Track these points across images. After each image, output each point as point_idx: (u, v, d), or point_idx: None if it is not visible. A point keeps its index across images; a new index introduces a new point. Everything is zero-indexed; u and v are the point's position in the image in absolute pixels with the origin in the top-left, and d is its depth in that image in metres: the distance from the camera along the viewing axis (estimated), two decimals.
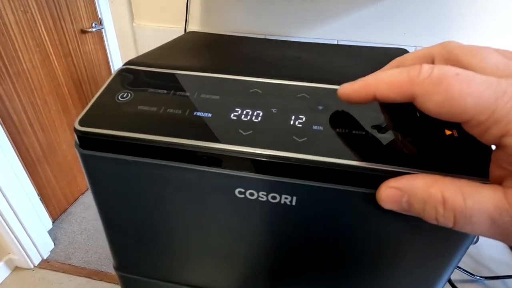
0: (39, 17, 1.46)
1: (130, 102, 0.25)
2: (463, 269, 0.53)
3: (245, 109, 0.25)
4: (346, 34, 0.71)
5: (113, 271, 1.52)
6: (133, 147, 0.23)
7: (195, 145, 0.23)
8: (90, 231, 1.73)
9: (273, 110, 0.25)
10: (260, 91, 0.26)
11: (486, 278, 0.53)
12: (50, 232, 1.65)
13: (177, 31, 0.76)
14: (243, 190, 0.24)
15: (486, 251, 0.60)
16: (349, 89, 0.21)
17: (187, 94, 0.26)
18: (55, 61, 1.59)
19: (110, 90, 0.27)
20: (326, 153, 0.22)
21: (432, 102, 0.17)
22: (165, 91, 0.26)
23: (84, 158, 0.25)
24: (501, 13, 0.63)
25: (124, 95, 0.26)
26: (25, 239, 1.42)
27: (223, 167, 0.23)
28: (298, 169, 0.22)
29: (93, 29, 1.77)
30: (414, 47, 0.70)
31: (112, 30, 1.89)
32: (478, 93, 0.16)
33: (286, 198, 0.23)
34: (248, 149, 0.22)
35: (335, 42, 0.73)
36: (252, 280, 0.31)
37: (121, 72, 0.28)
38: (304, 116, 0.24)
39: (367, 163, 0.21)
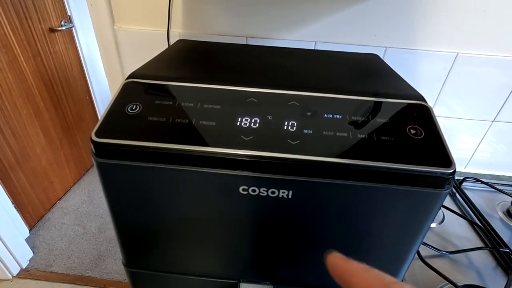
0: (3, 16, 1.38)
1: (140, 114, 0.28)
2: (431, 246, 0.60)
3: (244, 117, 0.28)
4: (323, 36, 0.76)
5: (98, 275, 1.50)
6: (147, 154, 0.26)
7: (203, 150, 0.26)
8: (71, 236, 1.69)
9: (269, 117, 0.28)
10: (256, 100, 0.30)
11: (451, 252, 0.60)
12: (27, 240, 1.59)
13: (159, 34, 0.77)
14: (246, 187, 0.27)
15: (451, 229, 0.68)
16: (331, 265, 0.19)
17: (191, 104, 0.29)
18: (24, 62, 1.52)
19: (119, 103, 0.29)
20: (316, 153, 0.26)
21: None
22: (170, 103, 0.29)
23: (100, 166, 0.27)
24: (460, 17, 0.70)
25: (133, 107, 0.28)
26: (1, 248, 1.36)
27: (229, 169, 0.27)
28: (294, 167, 0.26)
29: (63, 28, 1.70)
30: (384, 48, 0.77)
31: (84, 29, 1.82)
32: None
33: (283, 192, 0.27)
34: (250, 152, 0.26)
35: (313, 43, 0.78)
36: (254, 266, 0.35)
37: (126, 85, 0.31)
38: (296, 122, 0.28)
39: (349, 160, 0.26)
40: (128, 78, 0.32)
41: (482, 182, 0.80)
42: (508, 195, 0.73)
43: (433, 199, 0.27)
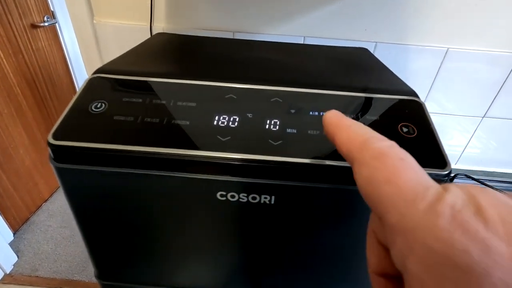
0: None
1: (105, 112, 0.25)
2: None
3: (222, 115, 0.26)
4: (312, 30, 0.74)
5: (86, 279, 1.46)
6: (112, 158, 0.23)
7: (176, 153, 0.23)
8: (57, 239, 1.64)
9: (249, 115, 0.26)
10: (235, 97, 0.27)
11: None
12: (11, 244, 1.54)
13: (141, 29, 0.73)
14: (224, 193, 0.25)
15: None
16: (325, 119, 0.19)
17: (163, 102, 0.26)
18: (4, 60, 1.45)
19: (82, 100, 0.26)
20: (301, 154, 0.24)
21: (360, 175, 0.15)
22: (140, 100, 0.26)
23: (59, 171, 0.25)
24: (451, 10, 0.69)
25: (98, 105, 0.25)
26: None
27: (204, 173, 0.24)
28: (276, 170, 0.24)
29: (46, 24, 1.64)
30: (374, 43, 0.75)
31: (68, 24, 1.76)
32: (400, 188, 0.13)
33: (265, 198, 0.25)
34: (227, 154, 0.24)
35: (302, 38, 0.75)
36: (235, 276, 0.33)
37: (92, 81, 0.28)
38: (278, 120, 0.26)
39: (337, 161, 0.24)
40: (94, 73, 0.29)
41: (473, 179, 0.79)
42: (499, 192, 0.72)
43: None
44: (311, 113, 0.26)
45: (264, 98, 0.27)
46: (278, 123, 0.25)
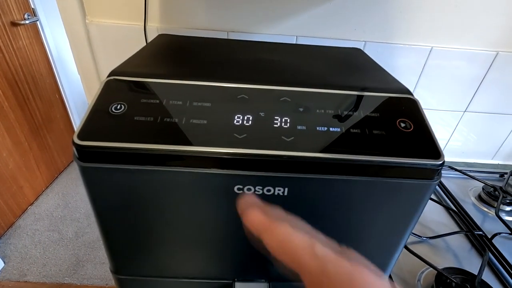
0: None
1: (125, 114, 0.26)
2: (412, 233, 0.63)
3: (236, 114, 0.27)
4: (304, 30, 0.76)
5: (77, 281, 1.44)
6: (136, 156, 0.25)
7: (196, 150, 0.25)
8: (46, 243, 1.60)
9: (261, 114, 0.28)
10: (246, 97, 0.29)
11: (430, 238, 0.63)
12: None
13: (135, 29, 0.73)
14: (241, 186, 0.27)
15: (429, 215, 0.71)
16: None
17: (180, 102, 0.28)
18: None
19: (102, 102, 0.27)
20: (312, 149, 0.26)
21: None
22: (157, 101, 0.27)
23: (84, 170, 0.26)
24: (434, 11, 0.73)
25: (118, 107, 0.26)
26: None
27: (223, 168, 0.26)
28: (290, 164, 0.26)
29: (26, 21, 1.58)
30: (363, 42, 0.78)
31: (50, 22, 1.71)
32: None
33: (279, 190, 0.27)
34: (244, 150, 0.25)
35: (295, 38, 0.78)
36: (249, 265, 0.35)
37: (109, 83, 0.29)
38: (289, 118, 0.28)
39: (344, 155, 0.26)
40: (109, 75, 0.30)
41: (456, 170, 0.84)
42: (479, 181, 0.77)
43: (423, 190, 0.27)
44: (318, 111, 0.29)
45: (273, 97, 0.29)
46: (289, 120, 0.27)
